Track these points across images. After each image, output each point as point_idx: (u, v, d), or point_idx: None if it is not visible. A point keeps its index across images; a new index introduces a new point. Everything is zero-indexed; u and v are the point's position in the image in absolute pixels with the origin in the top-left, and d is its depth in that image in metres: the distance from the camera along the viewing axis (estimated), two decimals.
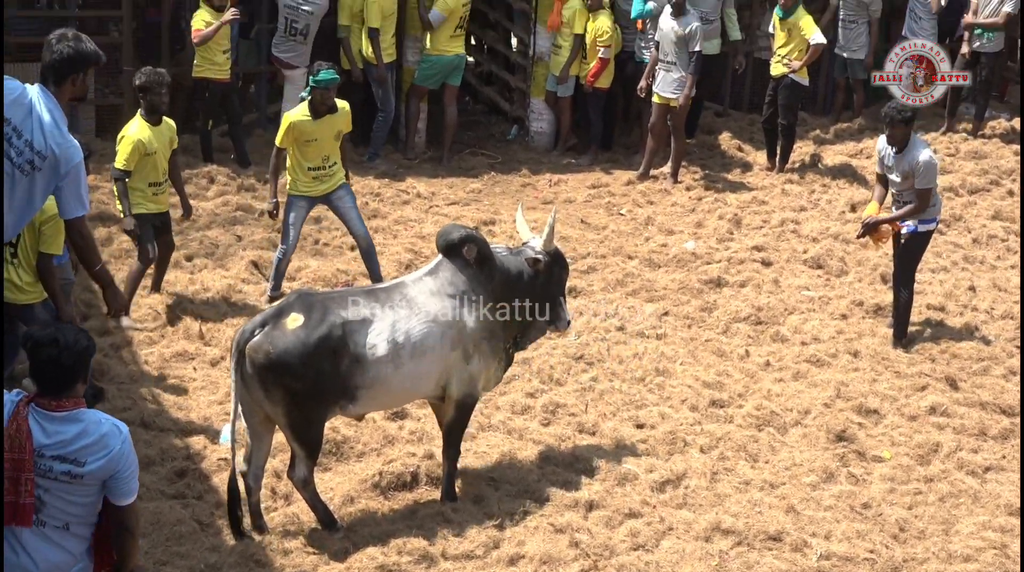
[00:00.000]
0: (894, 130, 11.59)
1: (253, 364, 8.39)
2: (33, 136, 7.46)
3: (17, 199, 7.54)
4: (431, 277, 9.05)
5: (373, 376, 8.64)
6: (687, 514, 9.26)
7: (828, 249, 13.83)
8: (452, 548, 8.71)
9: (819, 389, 11.05)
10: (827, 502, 9.52)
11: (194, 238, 13.22)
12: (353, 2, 15.69)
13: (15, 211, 7.61)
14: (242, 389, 8.49)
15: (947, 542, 9.16)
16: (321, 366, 8.44)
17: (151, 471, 9.34)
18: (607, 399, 10.78)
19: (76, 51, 7.71)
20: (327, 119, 11.94)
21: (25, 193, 7.58)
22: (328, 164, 12.10)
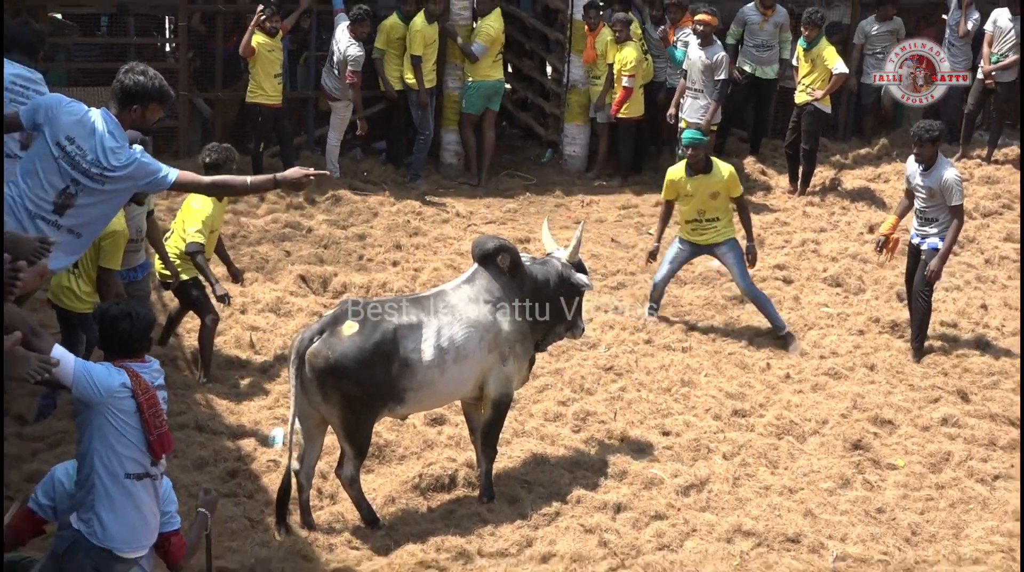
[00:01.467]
0: (922, 148, 11.68)
1: (313, 369, 8.52)
2: (97, 154, 7.58)
3: (98, 207, 7.67)
4: (469, 285, 9.23)
5: (421, 379, 8.79)
6: (710, 517, 9.29)
7: (847, 268, 13.84)
8: (487, 546, 8.77)
9: (836, 400, 11.08)
10: (843, 507, 9.54)
11: (245, 253, 13.31)
12: (391, 29, 15.79)
13: (101, 217, 7.76)
14: (300, 393, 8.61)
15: (957, 545, 9.16)
16: (375, 371, 8.58)
17: (205, 471, 9.45)
18: (635, 408, 10.82)
19: (138, 85, 7.79)
20: (701, 178, 12.11)
21: (105, 203, 7.70)
22: (704, 218, 12.27)
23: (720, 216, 12.24)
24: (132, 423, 6.19)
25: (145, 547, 6.40)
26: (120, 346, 6.33)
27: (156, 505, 6.43)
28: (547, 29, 17.29)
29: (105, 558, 6.21)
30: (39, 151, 7.56)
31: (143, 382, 6.23)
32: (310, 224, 14.18)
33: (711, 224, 12.26)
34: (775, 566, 8.77)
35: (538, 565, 8.63)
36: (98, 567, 6.21)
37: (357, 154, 16.45)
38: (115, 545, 6.21)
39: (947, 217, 11.63)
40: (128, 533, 6.24)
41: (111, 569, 6.26)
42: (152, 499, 6.37)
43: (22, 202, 7.46)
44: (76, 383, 6.05)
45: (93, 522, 6.17)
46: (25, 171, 7.58)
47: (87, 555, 6.21)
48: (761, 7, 16.47)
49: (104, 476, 6.18)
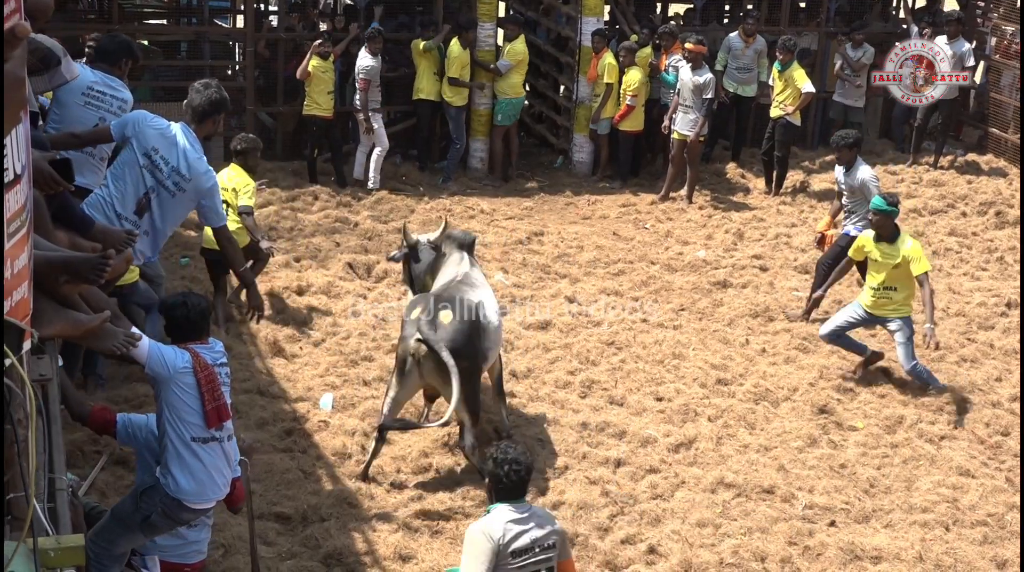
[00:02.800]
0: (840, 153, 12.03)
1: (434, 358, 8.62)
2: (178, 163, 7.56)
3: (170, 213, 7.67)
4: (474, 268, 9.59)
5: (492, 341, 9.13)
6: (697, 471, 9.26)
7: (814, 258, 13.67)
8: None
9: (805, 371, 10.99)
10: (811, 463, 9.49)
11: (301, 244, 13.27)
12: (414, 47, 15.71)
13: (168, 221, 7.74)
14: (416, 376, 8.73)
15: (908, 496, 9.14)
16: (476, 342, 8.84)
17: (265, 429, 9.41)
18: (633, 377, 10.76)
19: (216, 99, 7.79)
20: (885, 246, 10.58)
21: (176, 209, 7.70)
22: (883, 286, 10.64)
23: (899, 287, 10.61)
24: (194, 395, 6.20)
25: (211, 501, 6.40)
26: (180, 331, 6.36)
27: (225, 464, 6.40)
28: (559, 54, 17.23)
29: (175, 506, 6.26)
30: (127, 160, 7.54)
31: (203, 361, 6.23)
32: (356, 219, 14.12)
33: (887, 293, 10.64)
34: (752, 513, 8.74)
35: (550, 511, 8.55)
36: (168, 512, 6.25)
37: (396, 160, 16.41)
38: (184, 497, 6.25)
39: (866, 210, 11.43)
40: (196, 488, 6.26)
41: (177, 515, 6.33)
42: (219, 459, 6.35)
43: (111, 202, 7.46)
44: (150, 360, 6.09)
45: (168, 476, 6.23)
46: (115, 176, 7.57)
47: (161, 500, 6.26)
48: (744, 35, 16.37)
49: (175, 439, 6.21)
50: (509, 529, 6.13)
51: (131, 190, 7.50)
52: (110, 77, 8.16)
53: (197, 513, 6.43)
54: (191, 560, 6.79)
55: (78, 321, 5.17)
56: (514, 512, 6.20)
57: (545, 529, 6.22)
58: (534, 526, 6.20)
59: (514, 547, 6.13)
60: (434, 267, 9.74)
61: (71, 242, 5.72)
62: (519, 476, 6.19)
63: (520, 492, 6.26)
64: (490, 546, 6.08)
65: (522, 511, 6.22)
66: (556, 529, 6.30)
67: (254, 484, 8.39)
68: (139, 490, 6.37)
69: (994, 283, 13.38)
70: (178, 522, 6.44)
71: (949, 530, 8.73)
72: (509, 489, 6.20)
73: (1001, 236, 14.73)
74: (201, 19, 17.98)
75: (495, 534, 6.09)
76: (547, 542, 6.21)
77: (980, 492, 9.20)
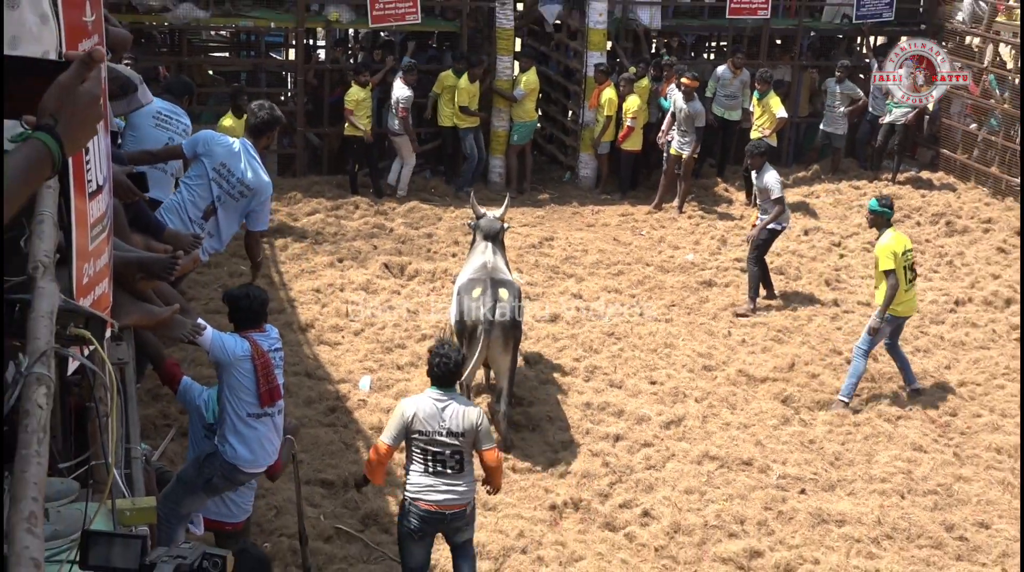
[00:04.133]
0: (752, 159, 12.25)
1: (504, 329, 8.72)
2: (243, 175, 7.60)
3: (231, 217, 7.71)
4: (497, 256, 9.47)
5: (522, 317, 9.29)
6: (685, 445, 9.23)
7: (788, 261, 13.69)
8: (519, 465, 8.74)
9: (780, 359, 10.94)
10: (784, 438, 9.47)
11: (344, 247, 13.27)
12: (444, 79, 15.65)
13: (232, 224, 7.79)
14: (482, 345, 8.69)
15: (869, 468, 9.11)
16: (521, 320, 9.06)
17: (312, 407, 9.42)
18: (630, 363, 10.73)
19: (271, 117, 7.85)
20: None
21: (235, 213, 7.74)
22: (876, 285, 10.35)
23: (879, 286, 10.18)
24: (251, 379, 6.23)
25: (262, 467, 6.43)
26: (243, 319, 6.37)
27: (275, 435, 6.42)
28: (567, 83, 17.19)
29: (231, 470, 6.30)
30: (198, 172, 7.61)
31: (259, 348, 6.26)
32: (392, 225, 14.11)
33: (876, 291, 10.36)
34: (733, 482, 8.72)
35: (558, 479, 8.60)
36: (226, 475, 6.28)
37: (427, 174, 16.39)
38: (239, 463, 6.28)
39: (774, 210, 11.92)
40: (249, 455, 6.29)
41: (234, 478, 6.38)
42: (270, 431, 6.38)
43: (185, 207, 7.50)
44: (212, 348, 6.12)
45: (226, 444, 6.26)
46: (188, 187, 7.63)
47: (220, 464, 6.31)
48: (733, 67, 16.28)
49: (232, 414, 6.24)
50: (422, 409, 6.44)
51: (201, 198, 7.57)
52: (175, 107, 8.34)
53: (250, 476, 6.46)
54: (232, 520, 6.83)
55: (152, 313, 5.18)
56: (435, 397, 6.51)
57: (456, 417, 6.43)
58: (448, 412, 6.44)
59: (421, 426, 6.43)
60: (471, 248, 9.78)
61: (145, 244, 5.74)
62: (446, 368, 6.49)
63: (445, 381, 6.53)
64: (400, 420, 6.47)
65: (443, 398, 6.50)
66: (471, 421, 6.43)
67: (302, 454, 8.42)
68: (201, 457, 6.40)
69: (944, 284, 13.32)
70: (235, 484, 6.48)
71: (904, 498, 8.69)
72: (437, 377, 6.53)
73: (950, 243, 14.65)
74: (259, 52, 17.98)
75: (408, 411, 6.46)
76: (454, 428, 6.41)
77: (931, 465, 9.16)
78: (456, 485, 6.51)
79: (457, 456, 6.47)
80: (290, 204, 14.49)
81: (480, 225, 9.72)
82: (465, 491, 6.55)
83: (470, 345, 8.76)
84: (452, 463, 6.47)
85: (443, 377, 6.54)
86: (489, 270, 9.18)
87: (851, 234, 14.69)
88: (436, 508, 6.49)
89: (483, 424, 6.53)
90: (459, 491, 6.53)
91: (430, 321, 11.30)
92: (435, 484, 6.48)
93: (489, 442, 6.55)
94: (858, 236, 14.69)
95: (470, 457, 6.56)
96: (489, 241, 9.55)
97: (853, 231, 14.72)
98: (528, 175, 16.62)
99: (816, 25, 17.92)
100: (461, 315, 8.91)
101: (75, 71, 2.53)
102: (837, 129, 16.89)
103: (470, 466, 6.59)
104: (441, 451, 6.44)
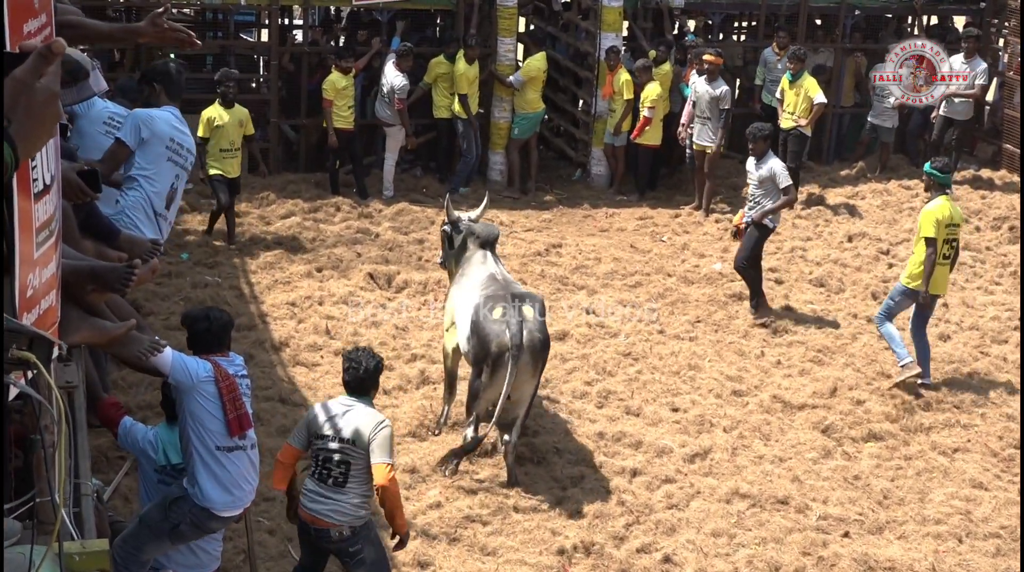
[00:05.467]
0: (755, 144, 12.21)
1: (534, 354, 8.81)
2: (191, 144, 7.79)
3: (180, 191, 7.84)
4: (499, 265, 9.57)
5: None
6: (712, 481, 9.23)
7: (829, 271, 13.70)
8: (523, 503, 8.74)
9: (820, 383, 10.95)
10: (825, 474, 9.46)
11: (323, 254, 13.29)
12: (436, 66, 15.70)
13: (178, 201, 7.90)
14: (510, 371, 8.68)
15: (922, 508, 9.10)
16: None
17: (286, 437, 9.38)
18: (649, 388, 10.74)
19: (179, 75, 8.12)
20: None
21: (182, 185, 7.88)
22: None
23: (915, 252, 10.88)
24: (216, 405, 6.23)
25: (239, 508, 6.42)
26: (202, 343, 6.42)
27: (251, 472, 6.42)
28: (578, 68, 17.23)
29: (203, 516, 6.29)
30: (153, 158, 7.56)
31: (223, 371, 6.29)
32: (378, 230, 14.14)
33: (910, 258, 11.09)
34: (767, 524, 8.71)
35: (566, 520, 8.59)
36: (196, 522, 6.27)
37: (417, 172, 16.42)
38: (213, 506, 6.27)
39: (774, 202, 12.09)
40: (224, 496, 6.29)
41: (205, 525, 6.36)
42: (246, 468, 6.38)
43: (149, 203, 7.51)
44: (173, 369, 6.12)
45: (195, 485, 6.26)
46: (145, 178, 7.59)
47: (190, 510, 6.30)
48: (777, 49, 16.37)
49: (200, 449, 6.24)
50: (323, 415, 6.86)
51: (163, 184, 7.60)
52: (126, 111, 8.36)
53: (225, 521, 6.45)
54: (201, 570, 6.79)
55: (103, 329, 5.19)
56: (340, 403, 6.93)
57: (351, 426, 6.76)
58: (343, 420, 6.80)
59: (319, 430, 6.84)
60: (458, 257, 9.76)
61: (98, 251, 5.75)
62: (352, 374, 6.91)
63: (353, 389, 6.94)
64: (305, 424, 6.96)
65: (346, 405, 6.89)
66: (362, 427, 6.74)
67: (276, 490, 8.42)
68: (167, 500, 6.38)
69: (1007, 297, 13.31)
70: (206, 531, 6.46)
71: (962, 542, 8.69)
72: (345, 382, 6.98)
73: (1014, 250, 14.65)
74: (227, 33, 18.04)
75: (311, 416, 6.94)
76: (346, 436, 6.75)
77: (993, 504, 9.16)
78: (332, 499, 6.77)
79: (343, 467, 6.77)
80: (262, 206, 14.52)
81: (475, 230, 9.70)
82: (341, 510, 6.77)
83: (494, 374, 8.78)
84: (336, 473, 6.78)
85: (352, 383, 6.96)
86: (502, 283, 9.19)
87: (901, 241, 14.70)
88: (307, 517, 6.85)
89: (379, 433, 6.75)
90: (333, 507, 6.77)
91: (421, 339, 11.31)
92: (315, 491, 6.84)
93: (383, 456, 6.72)
94: (909, 243, 14.68)
95: (361, 473, 6.77)
96: (488, 249, 9.56)
97: (904, 237, 14.74)
98: (533, 173, 16.66)
99: (862, 3, 17.96)
100: (483, 340, 8.85)
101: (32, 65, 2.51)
102: (885, 121, 16.94)
103: (358, 483, 6.80)
104: (328, 457, 6.80)
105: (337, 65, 14.91)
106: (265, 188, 14.81)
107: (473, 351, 8.94)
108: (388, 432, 6.78)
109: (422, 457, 9.20)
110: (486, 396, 8.90)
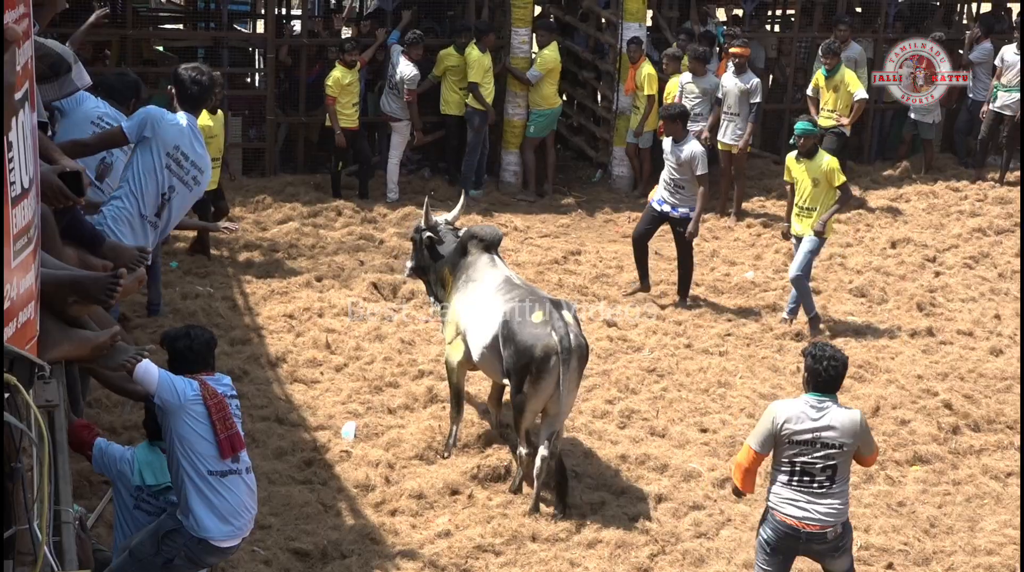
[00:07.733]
0: (667, 125, 12.64)
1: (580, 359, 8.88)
2: (198, 157, 7.67)
3: (180, 207, 7.76)
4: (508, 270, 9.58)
5: None
6: (744, 508, 9.18)
7: (871, 280, 13.68)
8: (540, 532, 8.71)
9: (861, 401, 10.89)
10: (867, 500, 9.42)
11: (323, 262, 13.31)
12: (445, 58, 15.76)
13: (176, 217, 7.85)
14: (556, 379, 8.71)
15: (972, 537, 9.04)
16: None
17: (284, 460, 9.42)
18: (676, 407, 10.72)
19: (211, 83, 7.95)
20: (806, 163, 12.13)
21: (183, 204, 7.80)
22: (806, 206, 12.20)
23: (818, 207, 12.06)
24: (205, 425, 6.24)
25: (237, 538, 6.41)
26: (184, 362, 6.42)
27: (250, 499, 6.41)
28: (598, 61, 17.25)
29: (200, 548, 6.30)
30: (146, 163, 7.54)
31: (211, 389, 6.30)
32: (382, 236, 14.17)
33: (808, 214, 12.10)
34: None
35: (586, 550, 8.56)
36: (192, 555, 6.29)
37: (425, 174, 16.45)
38: (210, 536, 6.27)
39: (694, 187, 12.36)
40: (222, 525, 6.29)
41: (201, 558, 6.38)
42: (244, 494, 6.37)
43: (138, 209, 7.49)
44: (160, 386, 6.12)
45: (189, 516, 6.26)
46: (136, 182, 7.59)
47: (185, 543, 6.31)
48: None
49: (192, 475, 6.24)
50: (796, 418, 7.00)
51: (152, 192, 7.57)
52: (120, 114, 8.38)
53: (224, 553, 6.45)
54: None
55: (86, 340, 5.19)
56: (812, 404, 7.05)
57: (835, 430, 6.96)
58: (823, 422, 6.97)
59: (793, 436, 7.00)
60: (455, 263, 9.72)
61: (80, 260, 5.75)
62: (836, 371, 7.03)
63: (829, 387, 7.06)
64: (769, 427, 7.04)
65: (821, 406, 7.02)
66: (850, 434, 6.99)
67: (272, 517, 8.43)
68: (160, 533, 6.38)
69: None
70: (202, 565, 6.46)
71: None
72: (821, 382, 7.05)
73: None
74: (220, 23, 18.09)
75: (779, 418, 7.00)
76: (831, 441, 6.97)
77: None
78: (821, 503, 7.09)
79: (829, 470, 7.05)
80: (258, 210, 14.56)
81: (478, 233, 9.70)
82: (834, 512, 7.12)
83: (539, 381, 8.74)
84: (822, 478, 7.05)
85: (828, 383, 7.08)
86: (526, 288, 9.23)
87: (949, 247, 14.67)
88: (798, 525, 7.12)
89: (860, 434, 7.09)
90: (825, 511, 7.10)
91: (429, 354, 11.31)
92: (797, 497, 7.10)
93: (869, 447, 7.22)
94: (957, 249, 14.67)
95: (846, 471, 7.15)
96: (493, 253, 9.59)
97: (952, 243, 14.71)
98: (550, 175, 16.66)
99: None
100: (524, 347, 8.76)
101: None
102: (926, 117, 16.93)
103: (843, 481, 7.16)
104: (811, 462, 7.04)
105: (341, 58, 14.92)
106: (261, 191, 14.86)
107: (509, 361, 8.85)
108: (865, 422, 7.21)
109: (430, 482, 9.19)
110: (531, 407, 8.85)
